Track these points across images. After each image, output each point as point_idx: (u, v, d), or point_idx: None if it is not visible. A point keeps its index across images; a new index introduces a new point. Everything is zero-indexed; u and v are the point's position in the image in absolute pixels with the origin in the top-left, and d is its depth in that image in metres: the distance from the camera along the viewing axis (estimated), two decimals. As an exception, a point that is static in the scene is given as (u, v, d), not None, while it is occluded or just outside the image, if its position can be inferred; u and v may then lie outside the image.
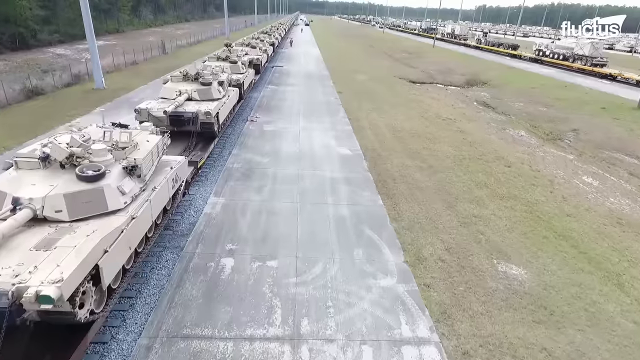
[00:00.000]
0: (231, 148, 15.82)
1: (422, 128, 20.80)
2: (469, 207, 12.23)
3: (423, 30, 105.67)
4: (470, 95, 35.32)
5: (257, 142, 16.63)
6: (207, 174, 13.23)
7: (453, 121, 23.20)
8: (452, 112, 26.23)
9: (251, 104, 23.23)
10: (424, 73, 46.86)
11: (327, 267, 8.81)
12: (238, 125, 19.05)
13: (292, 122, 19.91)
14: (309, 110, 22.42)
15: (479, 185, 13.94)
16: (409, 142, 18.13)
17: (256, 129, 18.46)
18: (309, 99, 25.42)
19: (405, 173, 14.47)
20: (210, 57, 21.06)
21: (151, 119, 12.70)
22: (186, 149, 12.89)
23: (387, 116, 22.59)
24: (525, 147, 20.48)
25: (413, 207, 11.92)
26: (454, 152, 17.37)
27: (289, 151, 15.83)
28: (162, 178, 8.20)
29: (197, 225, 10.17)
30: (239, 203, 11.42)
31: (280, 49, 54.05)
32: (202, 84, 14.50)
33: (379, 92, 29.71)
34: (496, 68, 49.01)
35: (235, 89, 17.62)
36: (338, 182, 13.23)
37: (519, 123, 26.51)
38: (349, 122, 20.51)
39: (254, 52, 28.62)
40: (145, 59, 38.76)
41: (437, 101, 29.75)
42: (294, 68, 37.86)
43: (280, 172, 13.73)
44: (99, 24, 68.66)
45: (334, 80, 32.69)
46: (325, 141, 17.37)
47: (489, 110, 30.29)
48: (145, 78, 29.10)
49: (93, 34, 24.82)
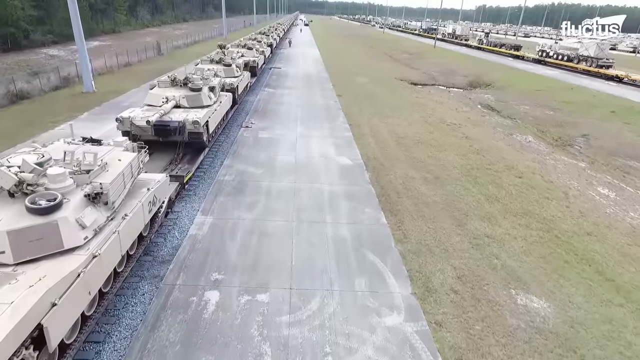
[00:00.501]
0: (223, 158, 14.79)
1: (426, 134, 19.76)
2: (481, 225, 11.19)
3: (423, 31, 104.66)
4: (473, 98, 34.30)
5: (251, 151, 15.60)
6: (196, 188, 12.19)
7: (458, 126, 22.16)
8: (456, 116, 25.20)
9: (247, 108, 22.19)
10: (425, 74, 45.86)
11: (325, 301, 7.78)
12: (232, 132, 18.02)
13: (289, 129, 18.88)
14: (307, 115, 21.38)
15: (490, 200, 12.90)
16: (413, 150, 17.10)
17: (251, 136, 17.42)
18: (307, 102, 24.38)
19: (410, 186, 13.43)
20: (203, 59, 20.06)
21: (134, 129, 11.67)
22: (172, 162, 11.86)
23: (389, 121, 21.56)
24: (534, 154, 19.45)
25: (420, 225, 10.88)
26: (460, 161, 16.33)
27: (285, 161, 14.79)
28: (137, 202, 7.16)
29: (181, 250, 9.13)
30: (229, 222, 10.38)
31: (278, 49, 53.02)
32: (192, 90, 13.47)
33: (380, 95, 28.69)
34: (499, 69, 47.99)
35: (228, 94, 16.57)
36: (337, 197, 12.19)
37: (525, 128, 25.49)
38: (349, 128, 19.47)
39: (250, 53, 27.58)
40: (139, 60, 37.73)
41: (441, 104, 28.72)
42: (292, 70, 36.83)
43: (275, 186, 12.69)
44: (95, 24, 67.83)
45: (333, 82, 31.65)
46: (324, 149, 16.33)
47: (494, 113, 29.27)
48: (138, 80, 28.04)
49: (82, 35, 23.76)
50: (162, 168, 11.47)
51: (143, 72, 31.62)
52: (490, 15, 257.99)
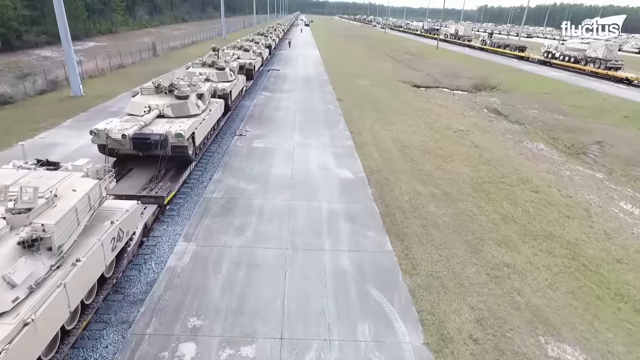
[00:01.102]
0: (213, 171, 13.57)
1: (433, 142, 18.52)
2: (498, 252, 9.96)
3: (425, 31, 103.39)
4: (479, 102, 33.06)
5: (244, 163, 14.37)
6: (180, 208, 10.97)
7: (465, 133, 20.92)
8: (462, 121, 23.96)
9: (241, 114, 20.97)
10: (428, 76, 44.63)
11: (322, 355, 6.55)
12: (224, 140, 16.80)
13: (285, 137, 17.65)
14: (306, 122, 20.16)
15: (506, 220, 11.66)
16: (419, 161, 15.87)
17: (244, 146, 16.20)
18: (306, 107, 23.16)
19: (417, 203, 12.20)
20: (194, 62, 18.85)
21: (110, 143, 10.45)
22: (153, 179, 10.64)
23: (393, 128, 20.32)
24: (548, 164, 18.21)
25: (430, 253, 9.65)
26: (471, 173, 15.10)
27: (280, 175, 13.56)
28: (94, 241, 5.94)
29: (156, 287, 7.91)
30: (214, 251, 9.15)
31: (277, 50, 51.80)
32: (177, 98, 12.24)
33: (382, 99, 27.45)
34: (504, 71, 46.72)
35: (219, 101, 15.33)
36: (337, 218, 10.96)
37: (535, 134, 24.25)
38: (350, 136, 18.24)
39: (247, 55, 26.35)
40: (133, 62, 36.53)
41: (446, 109, 27.48)
42: (291, 71, 35.60)
43: (268, 205, 11.46)
44: (92, 24, 66.67)
45: (333, 85, 30.42)
46: (323, 161, 15.11)
47: (501, 118, 28.02)
48: (129, 84, 26.77)
49: (68, 36, 22.59)
50: (141, 187, 10.24)
51: (136, 75, 30.39)
52: (491, 16, 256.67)
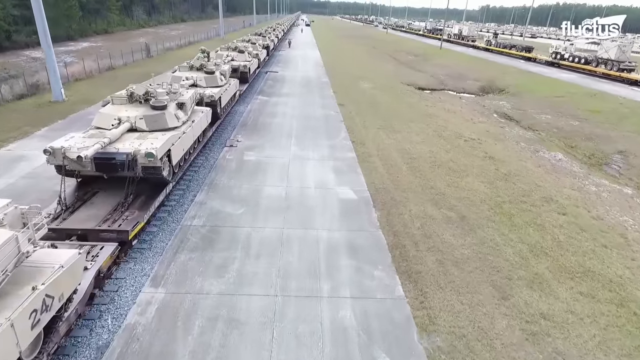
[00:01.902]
0: (197, 190, 11.91)
1: (443, 153, 16.84)
2: (531, 296, 8.27)
3: (428, 31, 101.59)
4: (488, 106, 31.37)
5: (232, 181, 12.70)
6: (153, 239, 9.31)
7: (477, 142, 19.23)
8: (473, 128, 22.27)
9: (234, 121, 19.31)
10: (433, 78, 42.95)
11: None
12: (213, 152, 15.15)
13: (281, 148, 15.99)
14: (304, 130, 18.49)
15: (535, 252, 9.97)
16: (429, 176, 14.18)
17: (235, 159, 14.54)
18: (305, 113, 21.49)
19: (431, 231, 10.52)
20: (181, 66, 17.21)
21: (68, 163, 8.79)
22: (118, 207, 8.97)
23: (399, 137, 18.64)
24: (570, 177, 16.52)
25: (450, 299, 7.97)
26: (488, 191, 13.41)
27: (273, 195, 11.89)
28: (2, 322, 4.27)
29: (107, 356, 6.23)
30: (186, 300, 7.49)
31: (277, 51, 50.15)
32: (153, 108, 10.57)
33: (386, 104, 25.77)
34: (512, 73, 45.00)
35: (205, 110, 13.66)
36: (337, 252, 9.29)
37: (552, 142, 22.56)
38: (353, 147, 16.57)
39: (242, 57, 24.68)
40: (125, 64, 34.90)
41: (454, 114, 25.78)
42: (290, 73, 33.94)
43: (257, 234, 9.79)
44: (88, 24, 65.16)
45: (334, 88, 28.74)
46: (322, 177, 13.43)
47: (513, 124, 26.33)
48: (117, 87, 24.93)
49: (48, 37, 20.95)
50: (103, 217, 8.56)
51: (126, 77, 28.73)
52: (494, 16, 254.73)
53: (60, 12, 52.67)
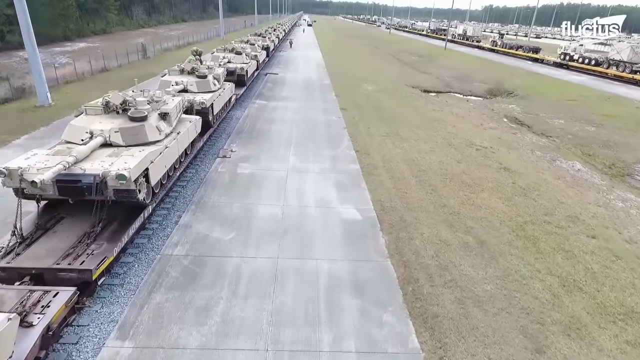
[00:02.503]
0: (183, 210, 10.64)
1: (454, 164, 15.53)
2: (570, 348, 6.97)
3: (432, 31, 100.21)
4: (497, 109, 30.00)
5: (222, 199, 11.43)
6: (127, 272, 8.05)
7: (490, 151, 17.91)
8: (483, 135, 20.93)
9: (229, 128, 18.04)
10: (438, 80, 41.61)
11: None
12: (204, 164, 13.88)
13: (278, 158, 14.71)
14: (304, 138, 17.21)
15: (567, 287, 8.66)
16: (441, 192, 12.88)
17: (227, 172, 13.26)
18: (305, 119, 20.21)
19: (446, 260, 9.23)
20: (171, 69, 15.92)
21: (27, 186, 7.53)
22: (83, 239, 7.67)
23: (406, 145, 17.34)
24: (593, 191, 15.19)
25: (475, 354, 6.67)
26: (507, 209, 12.10)
27: (267, 216, 10.61)
28: None
29: None
30: (158, 358, 6.20)
31: (277, 52, 48.89)
32: (131, 119, 9.31)
33: (391, 108, 24.45)
34: (520, 74, 43.62)
35: (195, 119, 12.38)
36: (340, 288, 8.01)
37: (568, 150, 21.19)
38: (356, 158, 15.28)
39: (239, 59, 23.40)
40: (119, 65, 33.70)
41: (462, 119, 24.44)
42: (291, 75, 32.67)
43: (247, 267, 8.51)
44: (85, 24, 64.09)
45: (336, 91, 27.45)
46: (323, 193, 12.15)
47: (525, 130, 24.98)
48: (107, 90, 23.94)
49: (33, 38, 19.72)
50: (65, 250, 7.29)
51: (119, 80, 27.53)
52: (497, 16, 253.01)
53: (57, 12, 51.58)
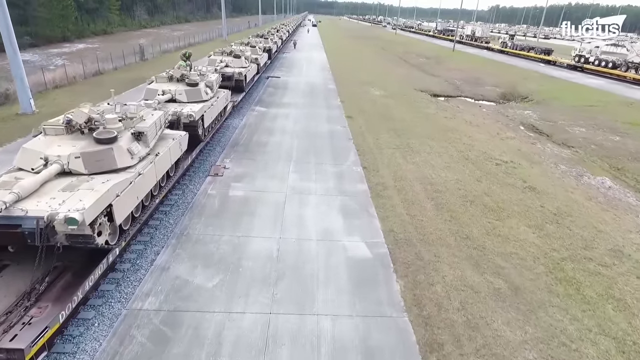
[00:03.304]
0: (161, 245, 9.08)
1: (473, 183, 13.88)
2: None
3: (439, 32, 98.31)
4: (512, 116, 28.26)
5: (209, 230, 9.85)
6: (84, 334, 6.49)
7: (511, 166, 16.22)
8: (502, 147, 19.23)
9: (224, 139, 16.49)
10: (448, 84, 39.91)
11: None
12: (193, 183, 12.33)
13: (276, 177, 13.13)
14: (306, 151, 15.62)
15: (628, 353, 7.00)
16: (461, 218, 11.24)
17: (218, 195, 11.69)
18: (308, 129, 18.62)
19: (476, 314, 7.59)
20: (159, 76, 14.33)
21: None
22: (21, 300, 6.11)
23: (418, 160, 15.69)
24: (631, 214, 13.48)
25: None
26: (539, 241, 10.44)
27: (260, 254, 9.02)
28: None
29: None
30: None
31: (281, 53, 47.35)
32: (97, 142, 7.76)
33: (400, 115, 22.80)
34: (533, 77, 41.79)
35: (179, 135, 10.80)
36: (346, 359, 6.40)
37: (594, 163, 19.46)
38: (364, 175, 13.67)
39: (238, 63, 21.86)
40: (115, 68, 32.29)
41: (477, 128, 22.74)
42: (294, 79, 31.09)
43: (231, 327, 6.92)
44: (86, 25, 62.97)
45: (341, 97, 25.85)
46: (326, 221, 10.54)
47: (544, 139, 23.26)
48: (100, 96, 22.50)
49: (14, 40, 18.34)
50: (-2, 317, 5.77)
51: (112, 84, 25.91)
52: (504, 16, 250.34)
53: (55, 13, 50.37)
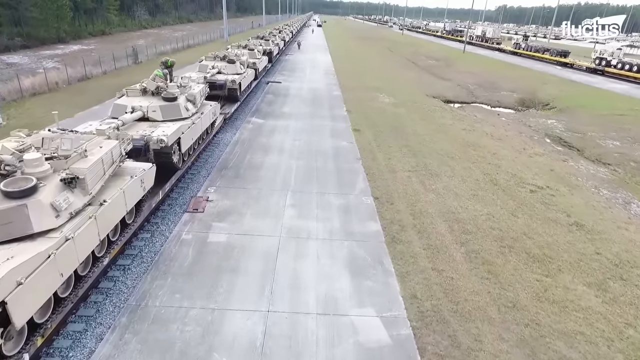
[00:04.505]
0: (107, 326, 6.75)
1: (509, 218, 11.45)
2: None
3: (447, 32, 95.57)
4: (535, 126, 25.74)
5: (175, 297, 7.50)
6: None
7: (548, 193, 13.75)
8: (531, 166, 16.75)
9: (212, 160, 14.17)
10: (461, 88, 37.42)
11: None
12: (166, 222, 10.02)
13: (269, 213, 10.77)
14: (306, 177, 13.26)
15: None
16: (501, 275, 8.83)
17: (194, 240, 9.35)
18: (309, 146, 16.27)
19: None
20: (130, 89, 11.90)
21: None
22: None
23: (439, 185, 13.28)
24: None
25: None
26: (605, 310, 8.02)
27: (240, 337, 6.66)
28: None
29: None
30: None
31: (283, 55, 45.03)
32: (5, 196, 5.47)
33: (414, 128, 20.37)
34: (552, 82, 39.17)
35: (141, 170, 8.48)
36: None
37: (637, 185, 16.93)
38: (376, 209, 11.29)
39: (232, 69, 19.53)
40: (104, 72, 30.11)
41: (500, 142, 20.26)
42: (296, 84, 28.76)
43: None
44: (84, 25, 61.11)
45: (348, 105, 23.47)
46: (330, 283, 8.17)
47: (575, 154, 20.75)
48: (80, 105, 20.35)
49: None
50: None
51: (97, 91, 23.91)
52: (511, 16, 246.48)
53: (50, 13, 48.35)
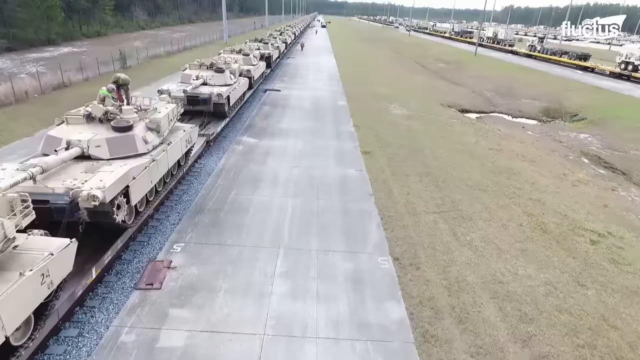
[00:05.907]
0: None
1: (575, 291, 8.45)
2: None
3: (456, 34, 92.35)
4: (567, 142, 22.65)
5: None
6: None
7: (615, 244, 10.74)
8: (580, 200, 13.70)
9: (186, 198, 11.25)
10: (477, 95, 34.34)
11: None
12: (101, 311, 7.10)
13: (251, 291, 7.82)
14: (305, 224, 10.29)
15: None
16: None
17: (135, 349, 6.41)
18: (310, 175, 13.32)
19: None
20: (71, 116, 8.79)
21: None
22: None
23: (476, 237, 10.28)
24: None
25: None
26: None
27: None
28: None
29: None
30: None
31: (284, 59, 42.11)
32: None
33: (433, 148, 17.34)
34: (576, 88, 36.00)
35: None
36: None
37: None
38: (397, 278, 8.31)
39: (220, 79, 16.57)
40: (86, 78, 27.28)
41: (535, 166, 17.18)
42: (296, 92, 25.83)
43: None
44: (78, 26, 58.53)
45: (355, 119, 20.50)
46: None
47: (621, 179, 17.69)
48: (47, 119, 17.52)
49: None
50: None
51: (71, 101, 20.93)
52: (518, 17, 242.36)
53: (38, 13, 45.69)
